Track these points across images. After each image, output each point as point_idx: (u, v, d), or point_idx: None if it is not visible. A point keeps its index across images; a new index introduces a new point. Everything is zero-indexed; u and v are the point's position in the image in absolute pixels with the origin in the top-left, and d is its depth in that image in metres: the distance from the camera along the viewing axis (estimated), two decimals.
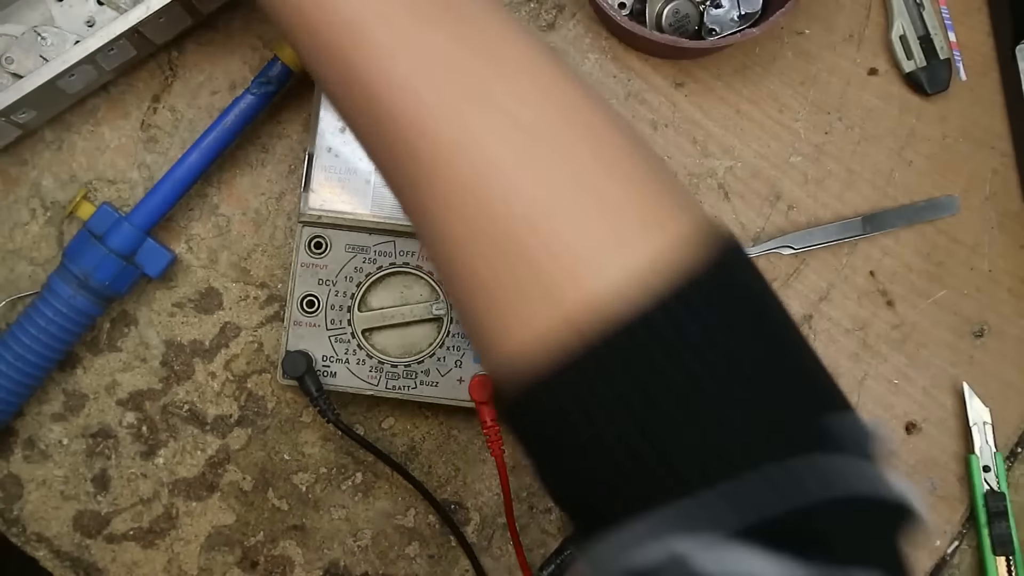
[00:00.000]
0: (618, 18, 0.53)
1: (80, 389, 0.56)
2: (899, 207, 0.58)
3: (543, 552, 0.56)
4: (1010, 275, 0.59)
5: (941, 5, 0.60)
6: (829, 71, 0.60)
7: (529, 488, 0.56)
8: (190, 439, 0.56)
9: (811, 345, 0.27)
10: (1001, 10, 0.59)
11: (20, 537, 0.55)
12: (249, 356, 0.57)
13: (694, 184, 0.58)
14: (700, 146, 0.59)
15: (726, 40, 0.54)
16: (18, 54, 0.53)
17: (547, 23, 0.59)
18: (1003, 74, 0.60)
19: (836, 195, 0.59)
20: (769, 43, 0.60)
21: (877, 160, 0.59)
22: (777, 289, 0.57)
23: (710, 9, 0.56)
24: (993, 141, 0.60)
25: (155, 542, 0.56)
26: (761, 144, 0.59)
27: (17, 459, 0.55)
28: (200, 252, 0.57)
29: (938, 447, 0.58)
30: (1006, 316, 0.59)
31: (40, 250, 0.56)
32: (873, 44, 0.60)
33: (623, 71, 0.59)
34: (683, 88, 0.59)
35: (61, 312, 0.51)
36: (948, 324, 0.58)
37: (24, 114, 0.51)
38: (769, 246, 0.57)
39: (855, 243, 0.58)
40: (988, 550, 0.56)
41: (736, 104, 0.59)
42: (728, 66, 0.59)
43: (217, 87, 0.57)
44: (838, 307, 0.58)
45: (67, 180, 0.57)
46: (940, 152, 0.59)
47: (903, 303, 0.58)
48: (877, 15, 0.60)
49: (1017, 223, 0.59)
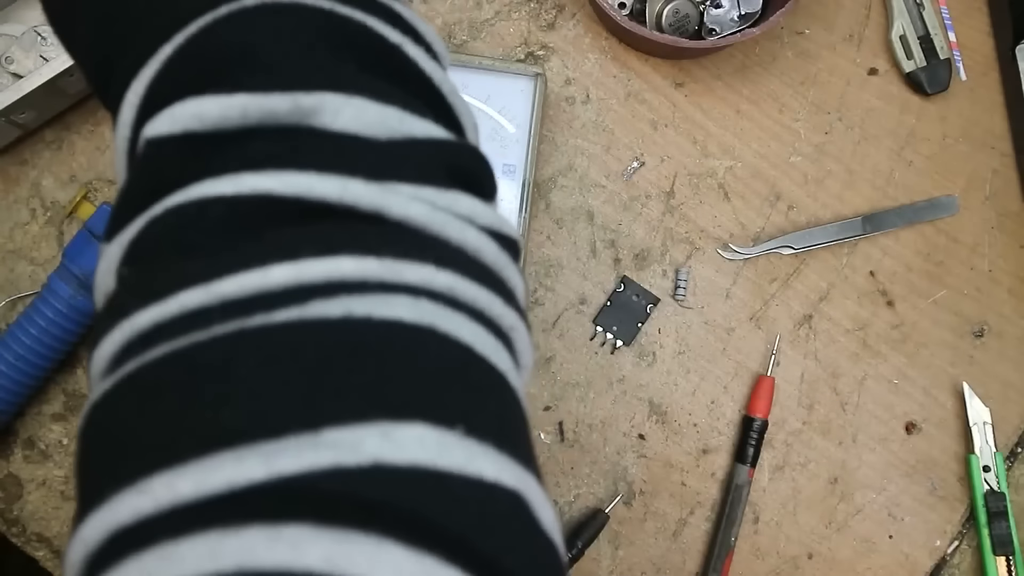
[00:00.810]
0: (618, 18, 0.53)
1: (80, 389, 0.56)
2: (899, 207, 0.58)
3: None
4: (1010, 275, 0.59)
5: (941, 5, 0.60)
6: (829, 71, 0.60)
7: None
8: None
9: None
10: (1001, 10, 0.59)
11: (20, 537, 0.55)
12: None
13: (694, 184, 0.58)
14: (700, 146, 0.59)
15: (726, 40, 0.54)
16: (18, 54, 0.53)
17: (547, 23, 0.59)
18: (1003, 74, 0.60)
19: (836, 195, 0.59)
20: (769, 43, 0.60)
21: (877, 160, 0.59)
22: (777, 289, 0.57)
23: (710, 9, 0.56)
24: (993, 141, 0.60)
25: None
26: (761, 144, 0.59)
27: (17, 459, 0.55)
28: None
29: (938, 447, 0.58)
30: (1006, 316, 0.59)
31: (40, 250, 0.56)
32: (873, 44, 0.60)
33: (623, 71, 0.59)
34: (683, 88, 0.59)
35: (61, 312, 0.51)
36: (948, 324, 0.58)
37: (24, 114, 0.51)
38: (769, 246, 0.57)
39: (855, 243, 0.58)
40: (988, 550, 0.56)
41: (736, 104, 0.59)
42: (728, 66, 0.59)
43: None
44: (838, 307, 0.58)
45: (67, 180, 0.57)
46: (940, 152, 0.59)
47: (903, 303, 0.58)
48: (877, 15, 0.60)
49: (1017, 223, 0.59)
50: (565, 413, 0.56)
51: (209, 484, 0.15)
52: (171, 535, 0.15)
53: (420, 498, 0.16)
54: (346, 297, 0.18)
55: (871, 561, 0.57)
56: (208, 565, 0.15)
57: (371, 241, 0.19)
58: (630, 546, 0.56)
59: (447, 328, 0.19)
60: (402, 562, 0.15)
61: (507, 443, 0.18)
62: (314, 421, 0.16)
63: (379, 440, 0.16)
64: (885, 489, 0.57)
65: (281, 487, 0.15)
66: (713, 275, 0.58)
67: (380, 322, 0.18)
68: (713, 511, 0.57)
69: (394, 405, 0.17)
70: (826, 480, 0.57)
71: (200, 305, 0.18)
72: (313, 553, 0.15)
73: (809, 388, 0.58)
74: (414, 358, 0.18)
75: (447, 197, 0.21)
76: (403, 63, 0.23)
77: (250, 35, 0.21)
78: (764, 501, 0.57)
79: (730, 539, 0.55)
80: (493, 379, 0.19)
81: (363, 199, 0.19)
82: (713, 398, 0.57)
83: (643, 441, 0.57)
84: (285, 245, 0.18)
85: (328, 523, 0.15)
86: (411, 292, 0.19)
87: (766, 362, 0.57)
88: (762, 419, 0.56)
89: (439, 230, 0.20)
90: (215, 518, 0.15)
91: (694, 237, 0.58)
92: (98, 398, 0.18)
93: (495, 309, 0.20)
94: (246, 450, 0.16)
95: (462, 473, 0.17)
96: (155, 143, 0.20)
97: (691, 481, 0.57)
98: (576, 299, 0.57)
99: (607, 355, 0.57)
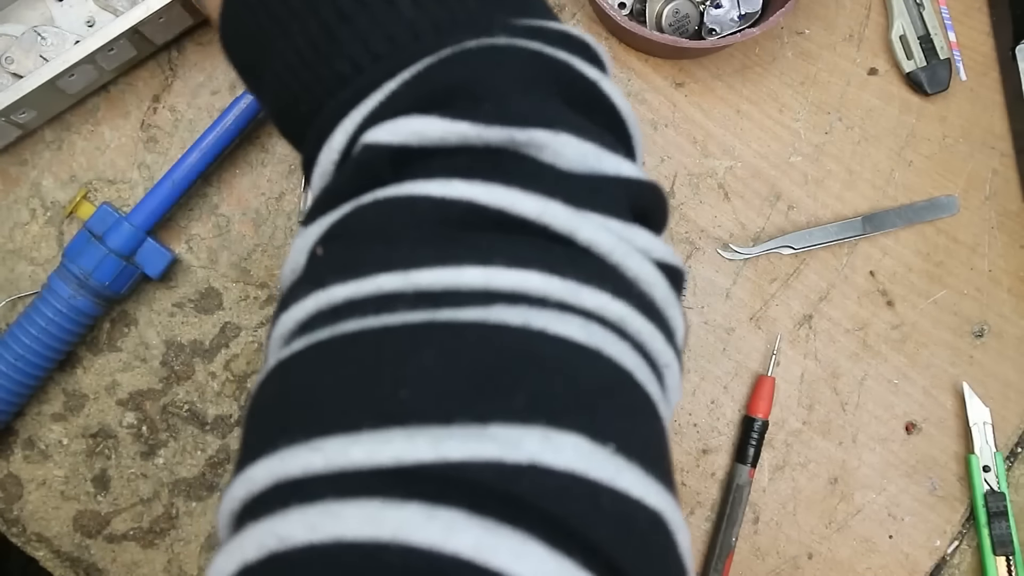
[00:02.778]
0: (618, 18, 0.53)
1: (80, 389, 0.56)
2: (899, 207, 0.58)
3: None
4: (1010, 275, 0.59)
5: (941, 5, 0.60)
6: (829, 71, 0.60)
7: None
8: (190, 439, 0.56)
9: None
10: (1001, 10, 0.59)
11: (20, 537, 0.55)
12: (249, 356, 0.57)
13: (694, 184, 0.58)
14: (700, 146, 0.59)
15: (726, 40, 0.54)
16: (18, 54, 0.53)
17: None
18: (1003, 74, 0.60)
19: (836, 195, 0.59)
20: (769, 43, 0.60)
21: (877, 160, 0.59)
22: (777, 289, 0.57)
23: (710, 9, 0.56)
24: (993, 141, 0.60)
25: (155, 542, 0.56)
26: (761, 144, 0.59)
27: (17, 459, 0.55)
28: (200, 252, 0.57)
29: (938, 447, 0.58)
30: (1006, 316, 0.59)
31: (40, 250, 0.56)
32: (873, 44, 0.60)
33: (623, 71, 0.59)
34: (683, 88, 0.59)
35: (61, 312, 0.51)
36: (948, 324, 0.58)
37: (24, 114, 0.51)
38: (769, 246, 0.57)
39: (855, 243, 0.58)
40: (988, 550, 0.56)
41: (736, 104, 0.59)
42: (728, 66, 0.59)
43: (217, 87, 0.57)
44: (838, 307, 0.58)
45: (67, 180, 0.57)
46: (940, 152, 0.59)
47: (903, 303, 0.58)
48: (877, 15, 0.60)
49: (1017, 223, 0.59)
50: None
51: (380, 455, 0.17)
52: (337, 495, 0.16)
53: (568, 503, 0.17)
54: (527, 308, 0.19)
55: (871, 561, 0.57)
56: (368, 530, 0.16)
57: (559, 261, 0.20)
58: None
59: (611, 352, 0.20)
60: (544, 561, 0.16)
61: (653, 466, 0.19)
62: (483, 415, 0.17)
63: (539, 442, 0.17)
64: (885, 489, 0.57)
65: (443, 471, 0.16)
66: (713, 275, 0.58)
67: (553, 337, 0.19)
68: (713, 511, 0.57)
69: (556, 413, 0.18)
70: (826, 480, 0.57)
71: (395, 290, 0.19)
72: (463, 539, 0.16)
73: (809, 388, 0.58)
74: (578, 374, 0.19)
75: (630, 231, 0.22)
76: (599, 98, 0.24)
77: (473, 72, 0.22)
78: (764, 501, 0.57)
79: (731, 539, 0.55)
80: (646, 406, 0.21)
81: (558, 220, 0.21)
82: (713, 398, 0.57)
83: None
84: (482, 250, 0.20)
85: (480, 512, 0.16)
86: (585, 315, 0.20)
87: (766, 362, 0.57)
88: (763, 419, 0.56)
89: (619, 260, 0.21)
90: (379, 488, 0.16)
91: (694, 237, 0.58)
92: (287, 356, 0.20)
93: (656, 344, 0.22)
94: (417, 431, 0.17)
95: (610, 486, 0.18)
96: (372, 148, 0.22)
97: (691, 481, 0.57)
98: None
99: None
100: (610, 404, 0.19)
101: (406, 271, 0.19)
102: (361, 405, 0.18)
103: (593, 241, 0.21)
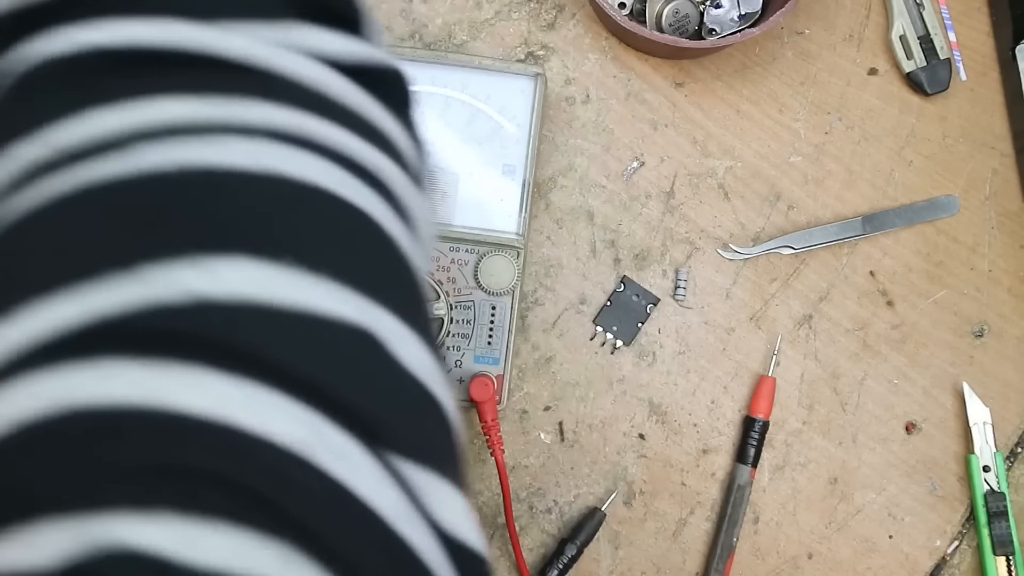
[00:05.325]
0: (618, 18, 0.53)
1: None
2: (899, 207, 0.58)
3: (543, 552, 0.56)
4: (1010, 275, 0.59)
5: (941, 5, 0.60)
6: (829, 71, 0.60)
7: (529, 488, 0.56)
8: None
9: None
10: (1001, 10, 0.59)
11: None
12: None
13: (694, 184, 0.58)
14: (700, 146, 0.59)
15: (726, 40, 0.54)
16: None
17: (547, 23, 0.59)
18: (1003, 74, 0.60)
19: (836, 195, 0.59)
20: (769, 43, 0.60)
21: (877, 160, 0.59)
22: (777, 289, 0.57)
23: (710, 9, 0.56)
24: (993, 141, 0.60)
25: None
26: (761, 144, 0.59)
27: None
28: None
29: (938, 447, 0.58)
30: (1006, 316, 0.59)
31: None
32: (873, 44, 0.60)
33: (623, 71, 0.59)
34: (683, 88, 0.59)
35: None
36: (948, 324, 0.58)
37: None
38: (769, 246, 0.57)
39: (855, 243, 0.58)
40: (988, 550, 0.56)
41: (736, 104, 0.59)
42: (728, 66, 0.59)
43: None
44: (838, 307, 0.58)
45: None
46: (940, 152, 0.59)
47: (903, 303, 0.58)
48: (877, 15, 0.60)
49: (1017, 223, 0.59)
50: (565, 413, 0.56)
51: (22, 331, 0.15)
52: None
53: (243, 330, 0.16)
54: (169, 141, 0.17)
55: (871, 561, 0.57)
56: (36, 403, 0.14)
57: (196, 83, 0.18)
58: (630, 546, 0.56)
59: (286, 167, 0.18)
60: (224, 390, 0.15)
61: (357, 279, 0.18)
62: (126, 260, 0.16)
63: (194, 273, 0.16)
64: (885, 489, 0.57)
65: (98, 327, 0.15)
66: (713, 275, 0.58)
67: (199, 167, 0.17)
68: (713, 511, 0.57)
69: (212, 240, 0.16)
70: (826, 480, 0.57)
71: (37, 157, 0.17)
72: (125, 382, 0.14)
73: (809, 388, 0.58)
74: (237, 195, 0.17)
75: (290, 32, 0.20)
76: None
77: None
78: (764, 501, 0.57)
79: (732, 540, 0.55)
80: (342, 214, 0.19)
81: (191, 40, 0.18)
82: (713, 398, 0.57)
83: (643, 441, 0.57)
84: (106, 92, 0.18)
85: (145, 356, 0.15)
86: (248, 133, 0.18)
87: (766, 362, 0.57)
88: (764, 419, 0.56)
89: (276, 66, 0.19)
90: (29, 363, 0.15)
91: (694, 237, 0.58)
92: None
93: (353, 147, 0.19)
94: (58, 293, 0.15)
95: (290, 306, 0.16)
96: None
97: (691, 481, 0.57)
98: (576, 299, 0.57)
99: (607, 355, 0.57)
100: (283, 218, 0.17)
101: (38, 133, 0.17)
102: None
103: (233, 52, 0.19)
